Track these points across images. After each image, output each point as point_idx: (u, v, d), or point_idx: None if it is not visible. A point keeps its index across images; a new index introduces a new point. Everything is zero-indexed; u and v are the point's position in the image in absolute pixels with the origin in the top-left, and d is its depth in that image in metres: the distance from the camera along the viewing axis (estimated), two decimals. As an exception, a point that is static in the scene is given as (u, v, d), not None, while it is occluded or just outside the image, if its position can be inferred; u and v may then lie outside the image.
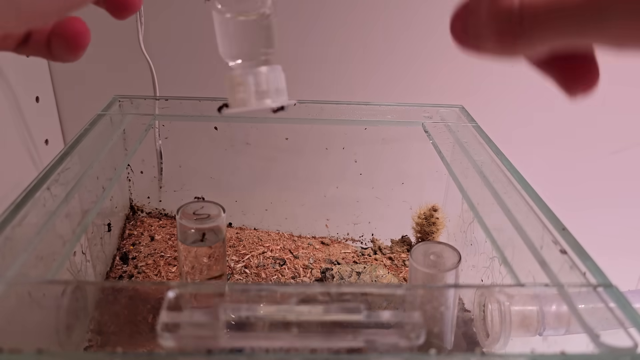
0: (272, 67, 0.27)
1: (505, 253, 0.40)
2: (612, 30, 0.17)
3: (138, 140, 0.56)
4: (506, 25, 0.19)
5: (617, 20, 0.17)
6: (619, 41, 0.18)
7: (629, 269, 0.86)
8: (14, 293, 0.32)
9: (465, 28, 0.21)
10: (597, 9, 0.17)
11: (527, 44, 0.19)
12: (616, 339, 0.27)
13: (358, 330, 0.27)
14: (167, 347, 0.26)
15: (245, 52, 0.27)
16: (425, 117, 0.57)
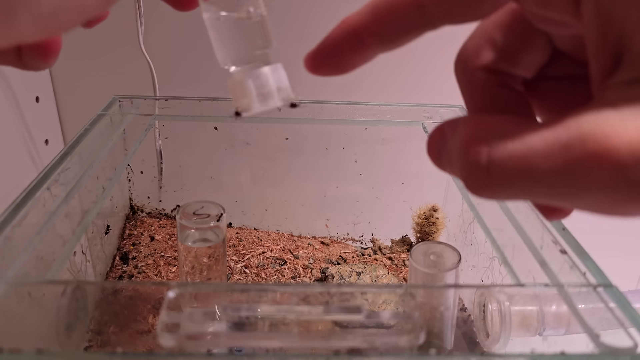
0: (273, 66, 0.26)
1: (505, 253, 0.40)
2: (585, 202, 0.16)
3: (138, 140, 0.56)
4: (472, 176, 0.18)
5: (591, 194, 0.16)
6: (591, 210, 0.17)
7: (629, 269, 0.86)
8: (14, 293, 0.32)
9: (439, 155, 0.20)
10: (569, 180, 0.16)
11: (492, 196, 0.18)
12: (616, 339, 0.27)
13: (358, 330, 0.27)
14: (167, 347, 0.26)
15: (243, 54, 0.26)
16: (425, 117, 0.57)
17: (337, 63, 0.23)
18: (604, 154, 0.15)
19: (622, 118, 0.15)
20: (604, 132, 0.15)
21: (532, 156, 0.16)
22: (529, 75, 0.22)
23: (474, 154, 0.17)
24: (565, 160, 0.16)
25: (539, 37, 0.21)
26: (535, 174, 0.16)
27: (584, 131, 0.16)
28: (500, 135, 0.17)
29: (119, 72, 0.70)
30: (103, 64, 0.70)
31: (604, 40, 0.17)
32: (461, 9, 0.19)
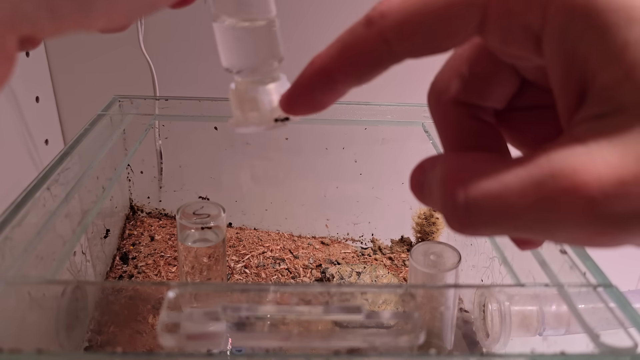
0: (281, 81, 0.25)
1: (505, 253, 0.40)
2: (561, 236, 0.17)
3: (138, 140, 0.56)
4: (452, 215, 0.18)
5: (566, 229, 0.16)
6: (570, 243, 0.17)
7: (629, 269, 0.86)
8: (14, 293, 0.32)
9: (422, 190, 0.21)
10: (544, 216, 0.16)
11: (472, 233, 0.18)
12: (616, 339, 0.27)
13: (358, 330, 0.27)
14: (167, 347, 0.26)
15: (252, 63, 0.25)
16: (425, 117, 0.57)
17: (311, 102, 0.23)
18: (574, 190, 0.15)
19: (590, 153, 0.16)
20: (574, 168, 0.16)
21: (507, 194, 0.17)
22: (499, 107, 0.23)
23: (451, 194, 0.18)
24: (538, 197, 0.16)
25: (506, 70, 0.22)
26: (511, 212, 0.17)
27: (555, 168, 0.16)
28: (475, 175, 0.18)
29: (119, 72, 0.70)
30: (103, 64, 0.70)
31: (567, 78, 0.17)
32: (424, 45, 0.20)
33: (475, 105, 0.22)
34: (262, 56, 0.25)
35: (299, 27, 0.68)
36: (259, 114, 0.25)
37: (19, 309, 0.32)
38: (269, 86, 0.25)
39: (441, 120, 0.23)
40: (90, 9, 0.19)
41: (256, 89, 0.25)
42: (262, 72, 0.25)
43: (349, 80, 0.22)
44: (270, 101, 0.25)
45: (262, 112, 0.25)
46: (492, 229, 0.18)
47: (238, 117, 0.26)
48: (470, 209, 0.17)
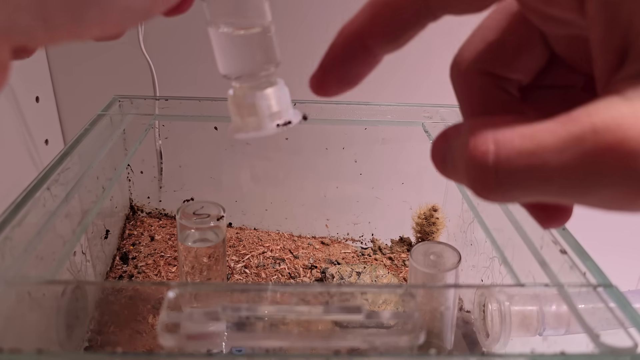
0: (279, 85, 0.25)
1: (505, 253, 0.40)
2: (596, 197, 0.16)
3: (138, 140, 0.56)
4: (479, 178, 0.17)
5: (603, 189, 0.15)
6: (601, 206, 0.16)
7: (629, 269, 0.86)
8: (14, 293, 0.32)
9: (444, 160, 0.20)
10: (582, 175, 0.15)
11: (502, 198, 0.17)
12: (616, 339, 0.27)
13: (358, 330, 0.27)
14: (167, 347, 0.26)
15: (249, 68, 0.24)
16: (425, 117, 0.57)
17: (345, 77, 0.22)
18: (618, 145, 0.15)
19: (634, 108, 0.15)
20: (617, 123, 0.15)
21: (542, 152, 0.16)
22: (525, 81, 0.22)
23: (480, 154, 0.17)
24: (578, 153, 0.15)
25: (537, 41, 0.21)
26: (546, 171, 0.16)
27: (596, 123, 0.15)
28: (506, 133, 0.17)
29: (119, 72, 0.70)
30: (103, 64, 0.70)
31: (610, 36, 0.17)
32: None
33: (501, 76, 0.21)
34: (258, 62, 0.24)
35: (297, 30, 0.68)
36: (258, 119, 0.25)
37: (19, 309, 0.32)
38: (266, 91, 0.25)
39: (464, 89, 0.22)
40: (83, 18, 0.19)
41: (254, 95, 0.25)
42: (260, 77, 0.25)
43: (383, 45, 0.21)
44: (269, 106, 0.25)
45: (261, 117, 0.25)
46: (522, 191, 0.17)
47: (237, 123, 0.26)
48: (500, 169, 0.16)
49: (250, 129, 0.25)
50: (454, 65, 0.22)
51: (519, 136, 0.16)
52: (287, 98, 0.26)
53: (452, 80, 0.23)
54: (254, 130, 0.25)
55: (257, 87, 0.25)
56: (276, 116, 0.25)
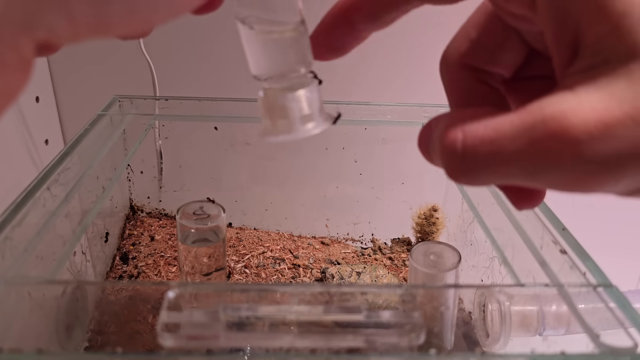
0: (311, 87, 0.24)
1: (505, 253, 0.40)
2: (549, 179, 0.18)
3: (138, 140, 0.56)
4: (450, 163, 0.19)
5: (554, 172, 0.17)
6: (556, 188, 0.18)
7: (629, 269, 0.86)
8: (14, 293, 0.32)
9: (427, 148, 0.22)
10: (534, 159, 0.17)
11: (470, 181, 0.19)
12: (616, 339, 0.27)
13: (358, 330, 0.27)
14: (167, 347, 0.26)
15: (281, 69, 0.24)
16: (425, 117, 0.57)
17: (332, 46, 0.24)
18: (563, 132, 0.16)
19: (579, 99, 0.17)
20: (563, 112, 0.17)
21: (501, 139, 0.18)
22: (507, 74, 0.24)
23: (450, 141, 0.19)
24: (530, 140, 0.17)
25: (514, 37, 0.23)
26: (504, 156, 0.18)
27: (546, 114, 0.17)
28: (473, 123, 0.19)
29: (119, 72, 0.70)
30: (103, 64, 0.70)
31: (561, 32, 0.18)
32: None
33: (484, 71, 0.23)
34: (290, 62, 0.24)
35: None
36: (289, 122, 0.24)
37: (19, 309, 0.32)
38: (298, 92, 0.24)
39: (450, 83, 0.24)
40: (108, 15, 0.19)
41: (285, 96, 0.24)
42: (291, 78, 0.24)
43: (367, 23, 0.23)
44: (300, 108, 0.24)
45: (292, 119, 0.24)
46: (487, 175, 0.19)
47: (267, 125, 0.25)
48: (466, 155, 0.18)
49: (280, 132, 0.24)
50: (442, 60, 0.24)
51: (483, 126, 0.18)
52: (319, 99, 0.25)
53: (441, 74, 0.25)
54: (285, 134, 0.24)
55: (288, 89, 0.24)
56: (307, 119, 0.24)
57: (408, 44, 0.67)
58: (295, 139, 0.24)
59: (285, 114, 0.24)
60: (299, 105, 0.24)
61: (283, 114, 0.24)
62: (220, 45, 0.69)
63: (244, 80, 0.70)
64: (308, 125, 0.24)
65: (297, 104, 0.24)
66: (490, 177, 0.19)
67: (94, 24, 0.19)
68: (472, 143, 0.18)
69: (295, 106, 0.24)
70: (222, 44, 0.69)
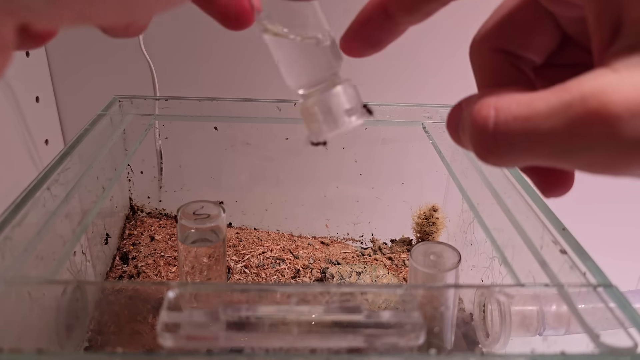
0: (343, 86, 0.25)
1: (505, 253, 0.40)
2: (584, 159, 0.17)
3: (138, 140, 0.56)
4: (480, 141, 0.19)
5: (590, 151, 0.17)
6: (590, 169, 0.18)
7: (629, 269, 0.86)
8: (14, 293, 0.32)
9: (457, 128, 0.22)
10: (571, 138, 0.17)
11: (500, 161, 0.19)
12: (616, 339, 0.27)
13: (358, 330, 0.27)
14: (167, 347, 0.26)
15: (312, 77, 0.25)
16: (425, 117, 0.57)
17: (369, 40, 0.24)
18: (602, 109, 0.16)
19: (620, 78, 0.16)
20: (603, 90, 0.16)
21: (535, 117, 0.17)
22: (539, 60, 0.23)
23: (481, 119, 0.18)
24: (567, 118, 0.17)
25: (549, 22, 0.22)
26: (538, 134, 0.17)
27: (584, 91, 0.17)
28: (505, 101, 0.18)
29: (119, 72, 0.70)
30: (103, 64, 0.70)
31: (603, 12, 0.18)
32: None
33: (515, 55, 0.23)
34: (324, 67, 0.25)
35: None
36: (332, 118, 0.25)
37: (19, 309, 0.32)
38: (336, 89, 0.25)
39: (480, 65, 0.24)
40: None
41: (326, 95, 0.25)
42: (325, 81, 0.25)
43: (404, 15, 0.22)
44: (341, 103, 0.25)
45: (335, 114, 0.25)
46: (518, 154, 0.18)
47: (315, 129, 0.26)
48: (498, 133, 0.18)
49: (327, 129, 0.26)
50: (473, 43, 0.24)
51: (516, 103, 0.18)
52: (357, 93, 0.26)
53: (470, 56, 0.24)
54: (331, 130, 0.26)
55: (325, 89, 0.25)
56: (351, 112, 0.25)
57: (408, 44, 0.67)
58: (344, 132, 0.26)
59: (330, 111, 0.25)
60: (339, 100, 0.25)
61: (327, 113, 0.25)
62: (220, 45, 0.69)
63: (244, 80, 0.70)
64: (352, 118, 0.26)
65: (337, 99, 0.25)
66: (522, 156, 0.18)
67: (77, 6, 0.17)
68: (505, 120, 0.18)
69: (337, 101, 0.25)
70: (222, 44, 0.69)
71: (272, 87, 0.64)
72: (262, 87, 0.69)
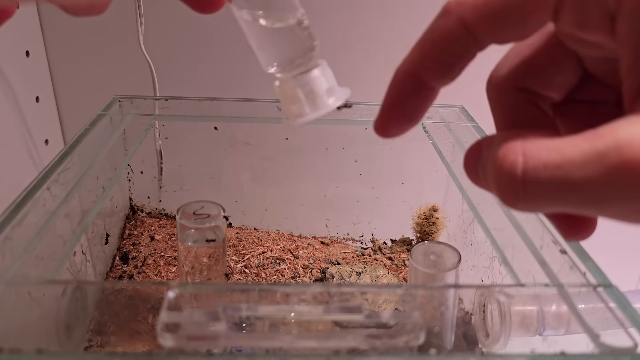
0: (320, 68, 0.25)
1: (505, 253, 0.40)
2: (617, 209, 0.17)
3: (138, 140, 0.56)
4: (507, 188, 0.18)
5: (625, 202, 0.16)
6: (621, 218, 0.17)
7: (629, 269, 0.86)
8: (14, 293, 0.32)
9: (475, 169, 0.21)
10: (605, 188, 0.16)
11: (528, 207, 0.18)
12: (616, 339, 0.27)
13: (358, 330, 0.27)
14: (167, 347, 0.26)
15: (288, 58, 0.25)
16: (425, 117, 0.57)
17: (405, 114, 0.23)
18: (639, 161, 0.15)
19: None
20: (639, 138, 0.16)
21: (567, 165, 0.17)
22: (558, 98, 0.23)
23: (508, 165, 0.18)
24: (602, 167, 0.16)
25: (570, 59, 0.22)
26: (570, 183, 0.17)
27: (620, 140, 0.16)
28: (534, 146, 0.18)
29: (119, 72, 0.70)
30: (103, 64, 0.70)
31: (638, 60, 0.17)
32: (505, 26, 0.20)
33: (535, 93, 0.22)
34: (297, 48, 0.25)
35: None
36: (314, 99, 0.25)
37: (19, 309, 0.32)
38: (314, 72, 0.25)
39: (499, 103, 0.23)
40: None
41: (306, 77, 0.25)
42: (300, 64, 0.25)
43: (436, 77, 0.22)
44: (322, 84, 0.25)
45: (318, 95, 0.25)
46: (547, 201, 0.17)
47: (294, 110, 0.26)
48: (527, 180, 0.17)
49: (310, 110, 0.25)
50: (490, 80, 0.23)
51: (546, 149, 0.17)
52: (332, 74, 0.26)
53: (488, 94, 0.23)
54: (314, 111, 0.25)
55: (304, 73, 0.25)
56: (330, 92, 0.25)
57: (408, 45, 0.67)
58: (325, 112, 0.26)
59: (311, 93, 0.25)
60: (320, 82, 0.25)
61: (308, 95, 0.25)
62: (220, 45, 0.69)
63: (244, 80, 0.70)
64: (330, 100, 0.25)
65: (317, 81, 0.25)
66: (552, 204, 0.18)
67: None
68: (534, 167, 0.17)
69: (318, 83, 0.25)
70: (222, 44, 0.69)
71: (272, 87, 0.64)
72: (262, 87, 0.69)
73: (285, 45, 0.25)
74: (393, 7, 0.67)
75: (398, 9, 0.68)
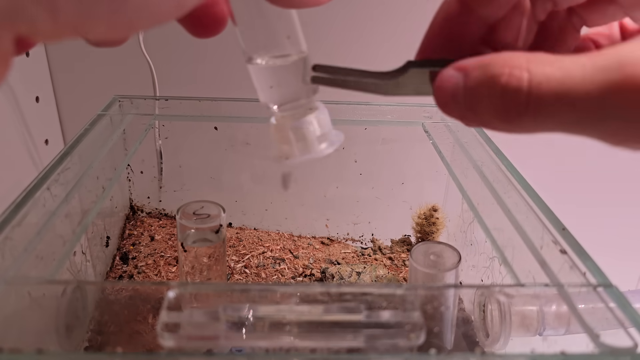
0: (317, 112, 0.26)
1: (505, 253, 0.40)
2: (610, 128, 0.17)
3: (138, 140, 0.56)
4: (512, 103, 0.18)
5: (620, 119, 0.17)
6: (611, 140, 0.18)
7: (629, 269, 0.86)
8: (14, 293, 0.32)
9: (455, 96, 0.21)
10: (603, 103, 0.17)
11: (528, 125, 0.19)
12: (616, 339, 0.27)
13: (358, 330, 0.27)
14: (167, 347, 0.26)
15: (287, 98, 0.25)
16: (425, 117, 0.57)
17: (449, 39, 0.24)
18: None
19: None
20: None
21: (570, 80, 0.17)
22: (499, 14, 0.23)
23: (515, 80, 0.18)
24: (602, 83, 0.17)
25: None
26: (571, 97, 0.17)
27: (623, 57, 0.16)
28: (539, 62, 0.18)
29: (119, 72, 0.70)
30: (103, 64, 0.70)
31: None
32: None
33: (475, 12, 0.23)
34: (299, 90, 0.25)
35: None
36: (306, 144, 0.26)
37: (19, 309, 0.32)
38: (309, 117, 0.26)
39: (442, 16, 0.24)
40: (92, 14, 0.18)
41: (301, 121, 0.25)
42: (301, 104, 0.25)
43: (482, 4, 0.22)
44: (315, 130, 0.26)
45: (309, 141, 0.26)
46: (548, 117, 0.18)
47: (284, 150, 0.26)
48: (532, 94, 0.18)
49: (299, 154, 0.26)
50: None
51: (549, 65, 0.18)
52: (329, 119, 0.27)
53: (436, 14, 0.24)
54: (303, 155, 0.26)
55: (300, 114, 0.26)
56: (322, 138, 0.26)
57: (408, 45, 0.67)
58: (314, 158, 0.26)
59: (303, 136, 0.26)
60: (313, 127, 0.26)
61: (300, 137, 0.26)
62: (219, 45, 0.69)
63: (244, 80, 0.70)
64: (322, 145, 0.26)
65: (311, 126, 0.26)
66: (546, 121, 0.18)
67: (76, 23, 0.18)
68: (538, 82, 0.18)
69: (311, 128, 0.26)
70: (221, 44, 0.69)
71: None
72: (262, 87, 0.69)
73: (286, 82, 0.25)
74: (393, 7, 0.67)
75: (398, 9, 0.68)
